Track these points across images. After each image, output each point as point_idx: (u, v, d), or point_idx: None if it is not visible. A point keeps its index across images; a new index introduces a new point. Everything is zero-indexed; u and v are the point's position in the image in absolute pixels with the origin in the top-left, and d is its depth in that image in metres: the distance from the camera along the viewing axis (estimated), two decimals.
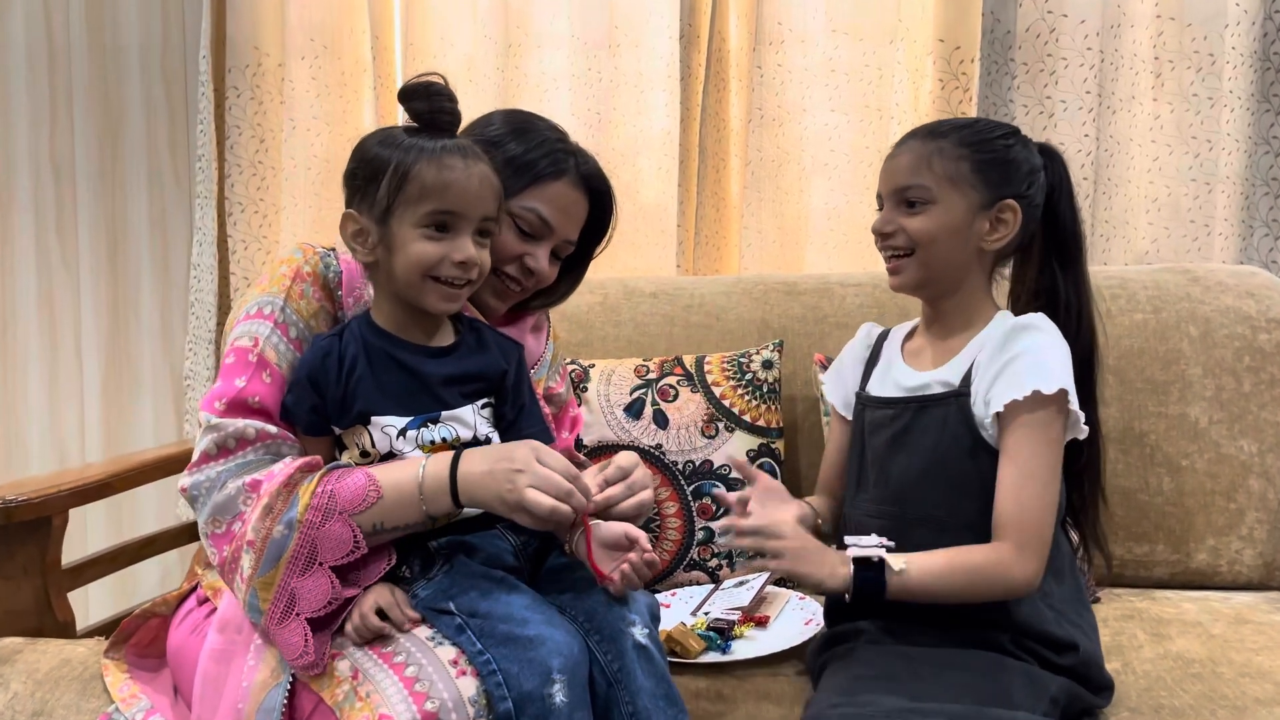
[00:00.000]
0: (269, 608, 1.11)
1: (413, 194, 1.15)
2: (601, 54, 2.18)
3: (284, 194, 2.23)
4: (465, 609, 1.13)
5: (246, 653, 1.16)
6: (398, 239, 1.16)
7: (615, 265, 2.21)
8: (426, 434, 1.18)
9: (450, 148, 1.17)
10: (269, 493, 1.12)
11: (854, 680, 1.17)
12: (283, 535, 1.11)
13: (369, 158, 1.18)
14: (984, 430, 1.21)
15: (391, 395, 1.18)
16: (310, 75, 2.22)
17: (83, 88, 2.40)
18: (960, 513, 1.21)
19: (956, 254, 1.25)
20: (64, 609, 1.53)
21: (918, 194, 1.24)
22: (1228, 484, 1.72)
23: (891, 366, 1.33)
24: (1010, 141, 1.27)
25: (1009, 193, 1.24)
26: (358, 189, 1.19)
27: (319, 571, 1.11)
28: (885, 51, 2.13)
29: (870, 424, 1.31)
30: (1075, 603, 1.25)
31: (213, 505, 1.15)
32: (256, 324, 1.22)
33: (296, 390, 1.19)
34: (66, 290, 2.43)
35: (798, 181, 2.17)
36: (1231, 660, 1.38)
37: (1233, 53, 2.00)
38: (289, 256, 1.28)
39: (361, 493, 1.12)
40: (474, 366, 1.22)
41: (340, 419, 1.19)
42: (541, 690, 1.07)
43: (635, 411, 1.73)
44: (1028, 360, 1.18)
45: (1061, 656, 1.19)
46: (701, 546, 1.70)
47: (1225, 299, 1.78)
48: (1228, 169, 2.02)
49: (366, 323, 1.22)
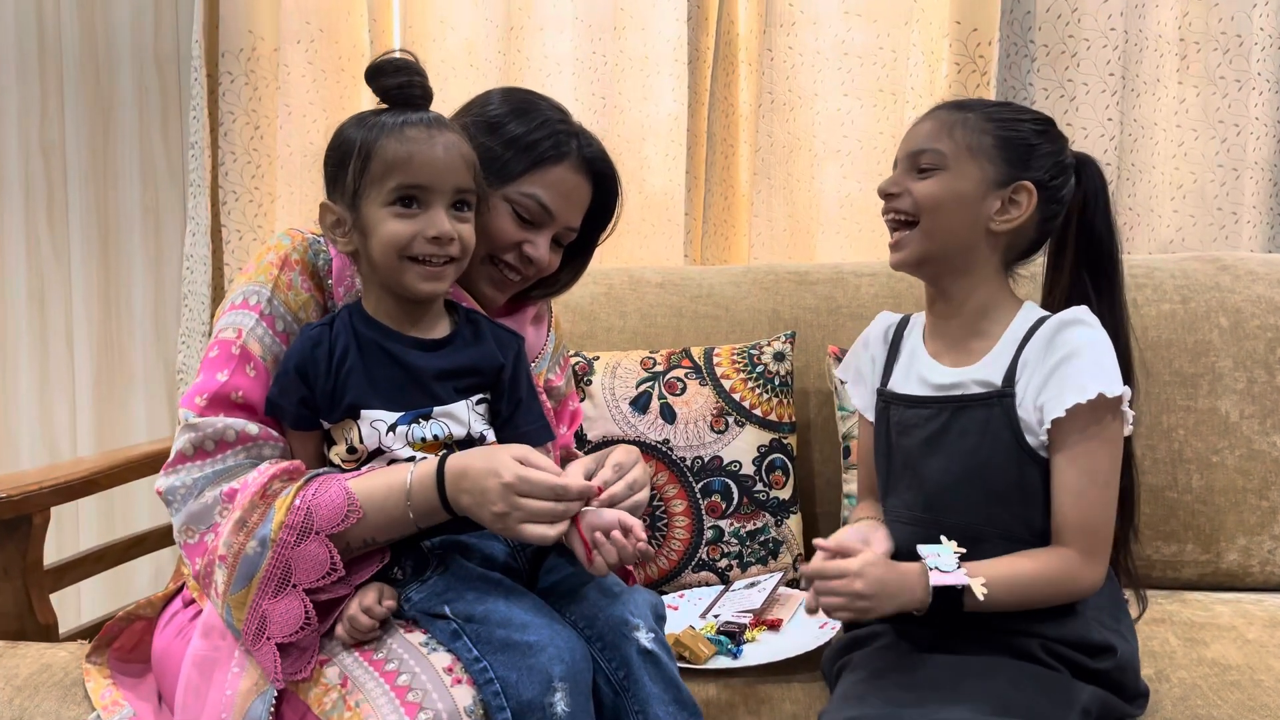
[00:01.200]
0: (243, 627, 1.06)
1: (377, 172, 1.09)
2: (606, 36, 2.12)
3: (279, 182, 2.17)
4: (461, 613, 1.08)
5: (230, 660, 1.10)
6: (369, 221, 1.11)
7: (621, 255, 2.16)
8: (417, 430, 1.12)
9: (413, 119, 1.11)
10: (243, 504, 1.07)
11: (871, 688, 1.11)
12: (256, 553, 1.06)
13: (337, 143, 1.14)
14: (1030, 434, 1.15)
15: (382, 389, 1.12)
16: (306, 60, 2.16)
17: (74, 73, 2.34)
18: (997, 520, 1.15)
19: (962, 228, 1.18)
20: (46, 611, 1.47)
21: (931, 159, 1.18)
22: (1260, 481, 1.65)
23: (915, 360, 1.26)
24: (1041, 128, 1.21)
25: (1028, 175, 1.18)
26: (330, 176, 1.14)
27: (292, 594, 1.06)
28: (900, 33, 2.07)
29: (899, 423, 1.23)
30: (1113, 606, 1.19)
31: (187, 514, 1.11)
32: (241, 314, 1.17)
33: (283, 382, 1.13)
34: (57, 281, 2.38)
35: (809, 168, 2.11)
36: (1270, 667, 1.31)
37: (1261, 34, 1.94)
38: (276, 243, 1.22)
39: (340, 511, 1.06)
40: (469, 360, 1.16)
41: (330, 412, 1.13)
42: (542, 699, 1.01)
43: (641, 405, 1.66)
44: (1086, 360, 1.12)
45: (1097, 660, 1.13)
46: (710, 546, 1.63)
47: (1257, 288, 1.71)
48: (1256, 154, 1.96)
49: (357, 312, 1.16)
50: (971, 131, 1.18)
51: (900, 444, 1.22)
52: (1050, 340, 1.14)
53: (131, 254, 2.37)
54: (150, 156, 2.35)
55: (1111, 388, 1.11)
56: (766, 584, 1.53)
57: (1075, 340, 1.14)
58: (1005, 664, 1.11)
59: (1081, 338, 1.14)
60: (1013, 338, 1.18)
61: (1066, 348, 1.13)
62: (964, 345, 1.21)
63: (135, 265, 2.37)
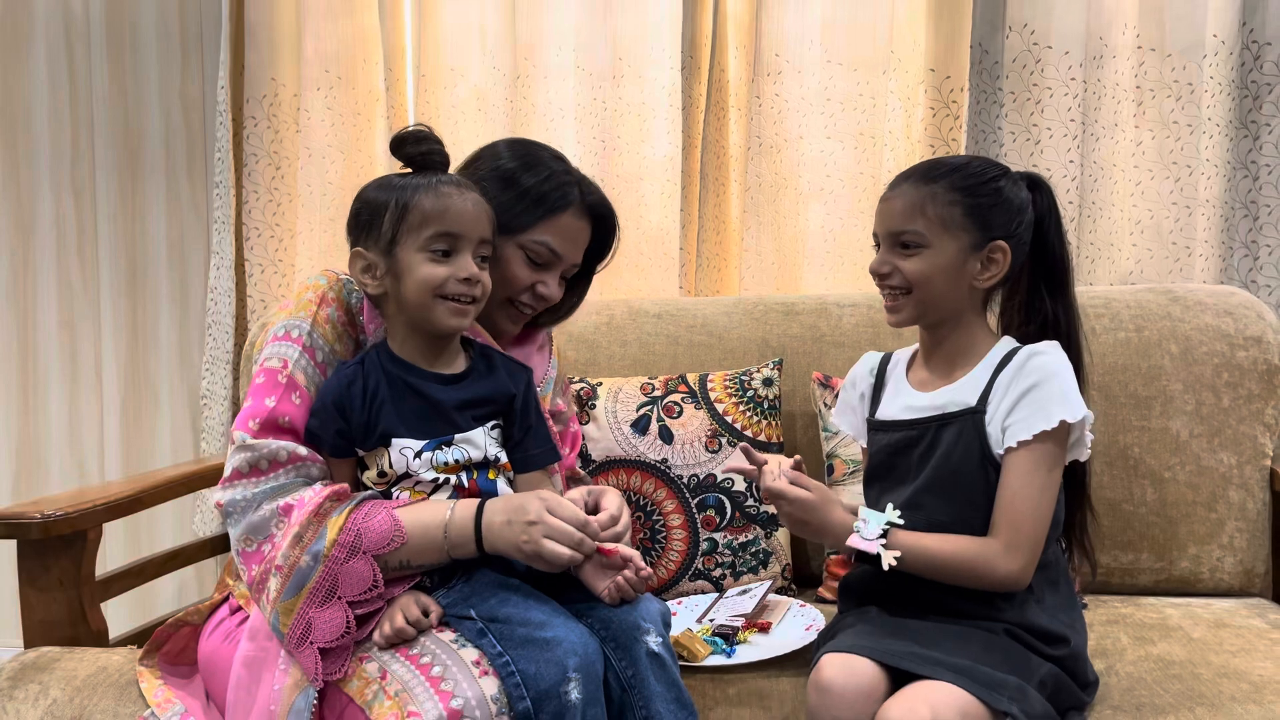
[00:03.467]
0: (288, 632, 1.19)
1: (415, 221, 1.26)
2: (606, 84, 2.26)
3: (300, 219, 2.31)
4: (485, 614, 1.20)
5: (277, 659, 1.22)
6: (404, 265, 1.26)
7: (620, 287, 2.29)
8: (440, 456, 1.27)
9: (445, 179, 1.29)
10: (299, 521, 1.20)
11: (867, 630, 1.28)
12: (308, 565, 1.19)
13: (369, 200, 1.29)
14: (995, 447, 1.30)
15: (409, 420, 1.27)
16: (325, 105, 2.30)
17: (104, 116, 2.47)
18: (965, 519, 1.30)
19: (951, 293, 1.33)
20: (98, 619, 1.59)
21: (912, 238, 1.31)
22: (1208, 495, 1.79)
23: (899, 392, 1.41)
24: (1000, 184, 1.34)
25: (999, 234, 1.32)
26: (362, 227, 1.30)
27: (336, 605, 1.18)
28: (879, 81, 2.20)
29: (894, 445, 1.38)
30: (1068, 609, 1.34)
31: (246, 525, 1.23)
32: (285, 346, 1.30)
33: (322, 415, 1.27)
34: (87, 312, 2.50)
35: (795, 205, 2.24)
36: (1210, 662, 1.45)
37: (1211, 81, 2.07)
38: (314, 283, 1.36)
39: (387, 536, 1.20)
40: (484, 391, 1.31)
41: (364, 441, 1.27)
42: (558, 688, 1.13)
43: (642, 427, 1.80)
44: (1052, 389, 1.28)
45: (1052, 648, 1.28)
46: (706, 557, 1.77)
47: (1205, 318, 1.86)
48: (1207, 193, 2.09)
49: (385, 351, 1.31)
50: (941, 205, 1.31)
51: (899, 463, 1.37)
52: (1021, 367, 1.30)
53: (158, 287, 2.50)
54: (176, 195, 2.48)
55: (1074, 413, 1.27)
56: (757, 591, 1.67)
57: (1043, 369, 1.29)
58: (976, 634, 1.26)
59: (1048, 367, 1.29)
60: (989, 364, 1.34)
61: (1035, 375, 1.29)
62: (946, 374, 1.37)
63: (161, 297, 2.50)
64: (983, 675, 1.17)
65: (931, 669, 1.17)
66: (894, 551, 1.27)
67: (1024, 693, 1.18)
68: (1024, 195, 1.35)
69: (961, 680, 1.15)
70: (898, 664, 1.19)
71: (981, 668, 1.18)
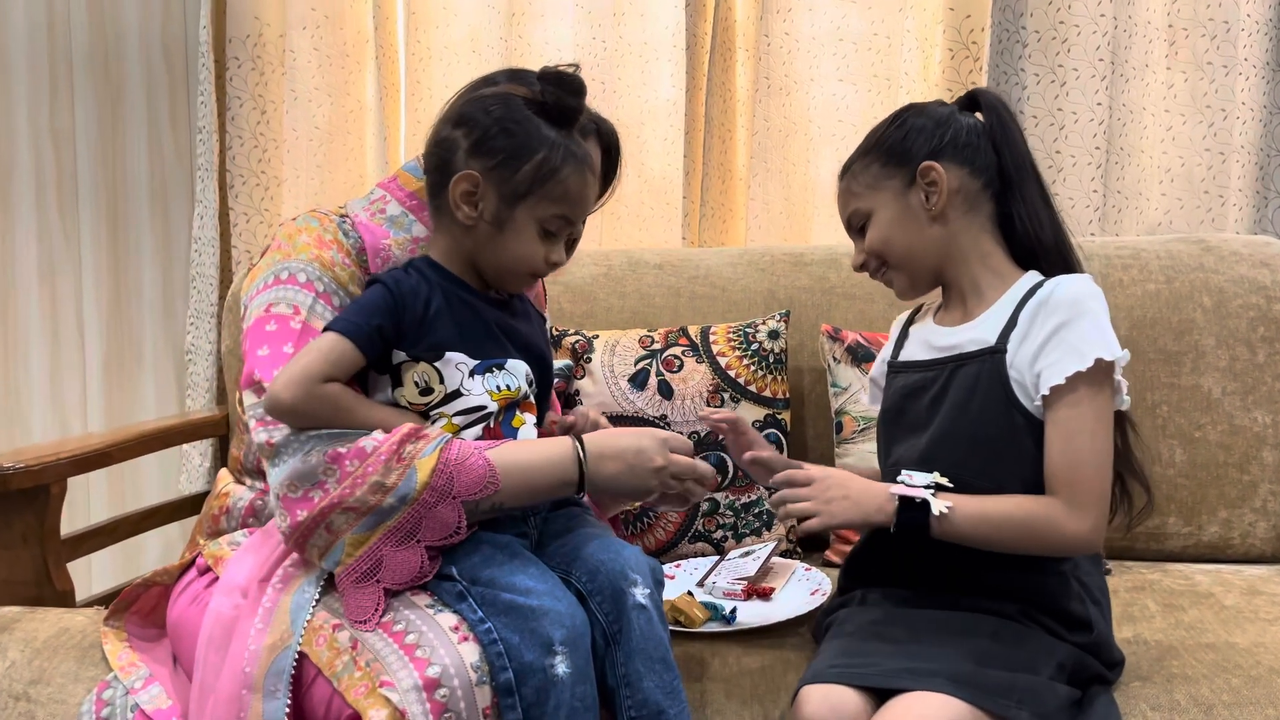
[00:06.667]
0: (352, 564, 1.10)
1: (554, 193, 1.17)
2: (606, 23, 2.15)
3: (285, 166, 2.22)
4: (467, 575, 1.12)
5: (253, 616, 1.14)
6: (518, 224, 1.18)
7: (620, 238, 2.20)
8: (491, 380, 1.19)
9: (591, 160, 1.19)
10: (376, 468, 1.09)
11: (854, 641, 1.16)
12: (391, 506, 1.10)
13: (512, 130, 1.16)
14: (1020, 391, 1.18)
15: (466, 334, 1.19)
16: (312, 46, 2.20)
17: (83, 59, 2.37)
18: (990, 473, 1.18)
19: (919, 239, 1.25)
20: (63, 578, 1.52)
21: (859, 218, 1.28)
22: (1241, 456, 1.70)
23: (923, 331, 1.32)
24: (904, 118, 1.27)
25: (921, 157, 1.24)
26: (488, 151, 1.16)
27: (413, 548, 1.10)
28: (894, 20, 2.10)
29: (906, 388, 1.28)
30: (1095, 574, 1.23)
31: (292, 471, 1.12)
32: (293, 291, 1.20)
33: (366, 309, 1.15)
34: (68, 264, 2.42)
35: (805, 152, 2.15)
36: (1246, 630, 1.36)
37: (1248, 19, 1.97)
38: (304, 225, 1.25)
39: (481, 481, 1.11)
40: (524, 327, 1.26)
41: (413, 346, 1.17)
42: (543, 661, 1.06)
43: (640, 382, 1.71)
44: (1085, 325, 1.16)
45: (1073, 634, 1.17)
46: (706, 518, 1.68)
47: (1239, 269, 1.76)
48: (1243, 138, 1.99)
49: (431, 265, 1.21)
50: (860, 175, 1.27)
51: (910, 407, 1.26)
52: (1045, 302, 1.18)
53: (140, 237, 2.41)
54: (158, 141, 2.39)
55: (1109, 351, 1.15)
56: (760, 553, 1.58)
57: (1072, 304, 1.16)
58: (986, 620, 1.16)
59: (1078, 301, 1.17)
60: (1010, 299, 1.22)
61: (1064, 311, 1.16)
62: (966, 310, 1.26)
63: (144, 248, 2.41)
64: (987, 680, 1.07)
65: (925, 681, 1.06)
66: (944, 501, 1.14)
67: (1035, 692, 1.08)
68: (937, 113, 1.26)
69: (960, 690, 1.05)
70: (885, 684, 1.08)
71: (987, 670, 1.08)
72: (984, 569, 1.18)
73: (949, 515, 1.13)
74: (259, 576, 1.17)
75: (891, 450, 1.28)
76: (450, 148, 1.19)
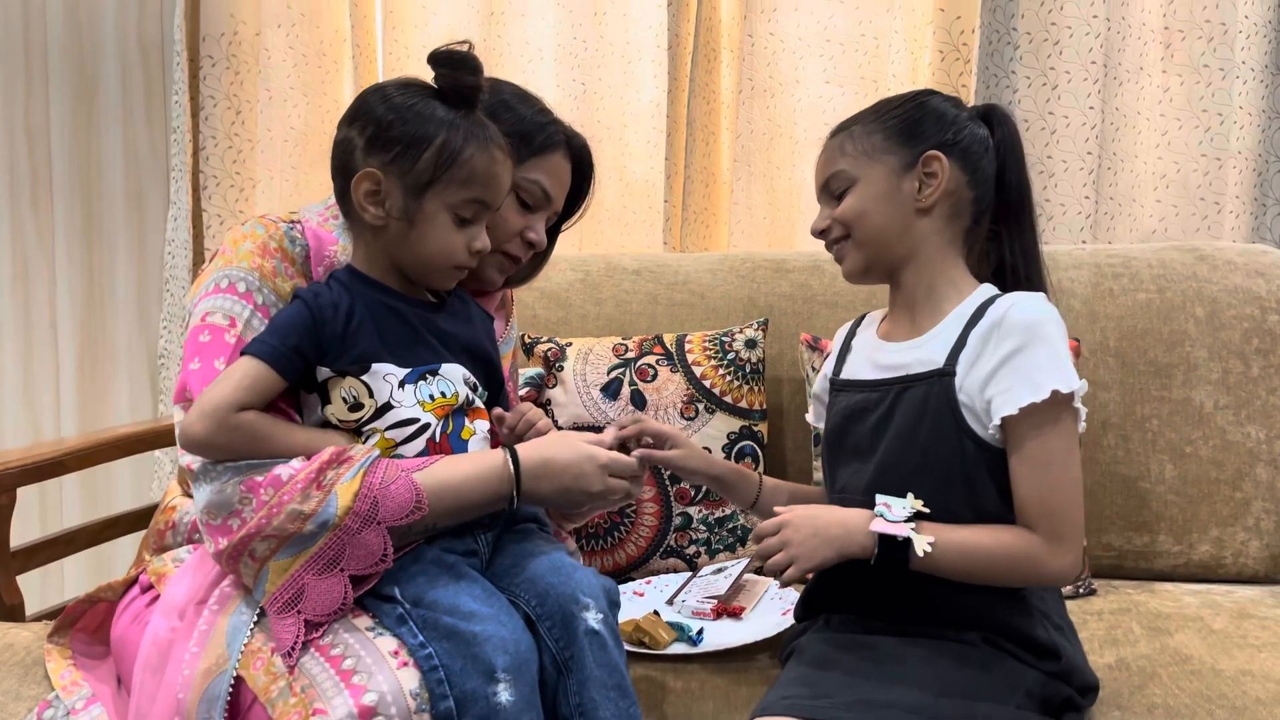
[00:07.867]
0: (275, 591, 1.05)
1: (460, 177, 1.12)
2: (587, 22, 2.11)
3: (259, 166, 2.18)
4: (410, 597, 1.08)
5: (188, 640, 1.10)
6: (427, 215, 1.13)
7: (601, 242, 2.15)
8: (425, 388, 1.14)
9: (498, 141, 1.14)
10: (293, 496, 1.05)
11: (813, 670, 1.11)
12: (311, 533, 1.05)
13: (407, 119, 1.11)
14: (971, 416, 1.12)
15: (391, 343, 1.14)
16: (287, 44, 2.16)
17: (57, 57, 2.34)
18: (942, 502, 1.12)
19: (893, 224, 1.18)
20: (11, 591, 1.47)
21: (839, 182, 1.20)
22: (1233, 472, 1.64)
23: (866, 346, 1.26)
24: (923, 99, 1.21)
25: (930, 145, 1.17)
26: (385, 145, 1.11)
27: (336, 576, 1.05)
28: (882, 20, 2.05)
29: (851, 410, 1.22)
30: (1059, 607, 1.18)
31: (209, 500, 1.09)
32: (229, 301, 1.15)
33: (284, 328, 1.10)
34: (41, 264, 2.38)
35: (789, 156, 2.10)
36: (1233, 657, 1.30)
37: (1245, 21, 1.92)
38: (250, 231, 1.21)
39: (407, 505, 1.06)
40: (461, 329, 1.20)
41: (337, 360, 1.11)
42: (485, 689, 1.01)
43: (613, 392, 1.66)
44: (1039, 353, 1.09)
45: (1042, 662, 1.11)
46: (679, 533, 1.63)
47: (1234, 278, 1.70)
48: (1240, 143, 1.94)
49: (353, 274, 1.16)
50: (860, 139, 1.19)
51: (853, 429, 1.21)
52: (998, 324, 1.11)
53: (114, 238, 2.37)
54: (133, 141, 2.35)
55: (1065, 383, 1.08)
56: (733, 570, 1.53)
57: (1026, 328, 1.10)
58: (950, 647, 1.10)
59: (1033, 325, 1.10)
60: (960, 315, 1.16)
61: (1018, 336, 1.10)
62: (914, 324, 1.20)
63: (118, 249, 2.37)
64: (945, 711, 1.02)
65: (881, 713, 1.01)
66: (927, 537, 1.08)
67: None
68: (959, 109, 1.21)
69: None
70: (837, 717, 1.02)
71: (943, 701, 1.02)
72: (942, 597, 1.12)
73: (930, 552, 1.08)
74: (196, 599, 1.13)
75: (837, 475, 1.22)
76: (348, 148, 1.14)
